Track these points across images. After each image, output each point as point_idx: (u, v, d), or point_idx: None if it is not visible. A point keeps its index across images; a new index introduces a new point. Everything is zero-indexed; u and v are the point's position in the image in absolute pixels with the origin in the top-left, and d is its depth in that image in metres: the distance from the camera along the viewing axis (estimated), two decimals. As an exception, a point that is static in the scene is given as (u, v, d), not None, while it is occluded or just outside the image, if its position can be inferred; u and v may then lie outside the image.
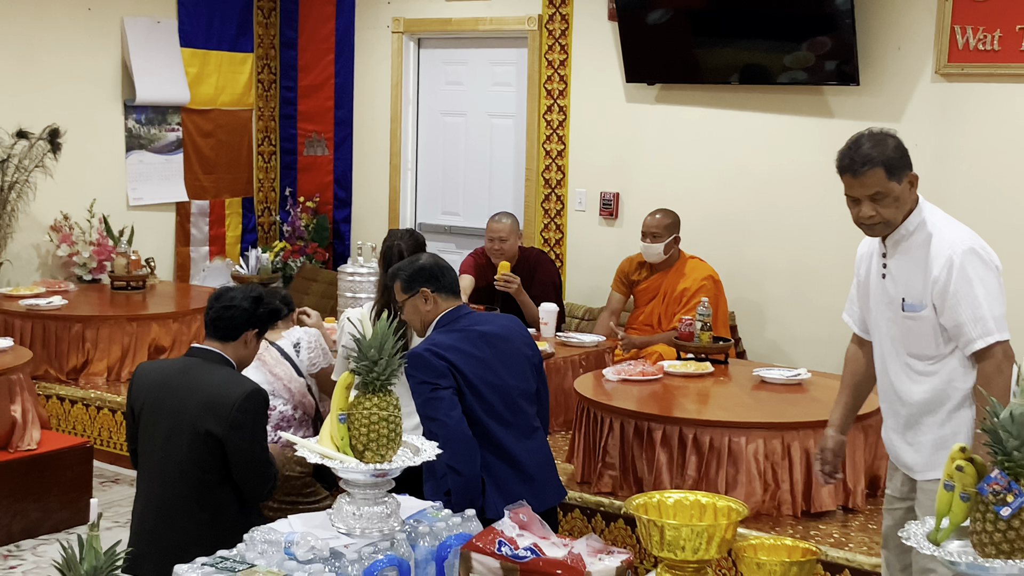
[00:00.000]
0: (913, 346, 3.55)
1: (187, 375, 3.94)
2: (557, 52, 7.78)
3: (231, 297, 4.04)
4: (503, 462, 4.02)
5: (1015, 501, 2.48)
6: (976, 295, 3.42)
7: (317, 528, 3.21)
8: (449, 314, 4.06)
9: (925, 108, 6.51)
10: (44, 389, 6.59)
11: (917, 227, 3.52)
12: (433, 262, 4.13)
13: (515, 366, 4.06)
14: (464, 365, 3.94)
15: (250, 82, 9.02)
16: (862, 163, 3.46)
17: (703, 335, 5.68)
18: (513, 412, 4.04)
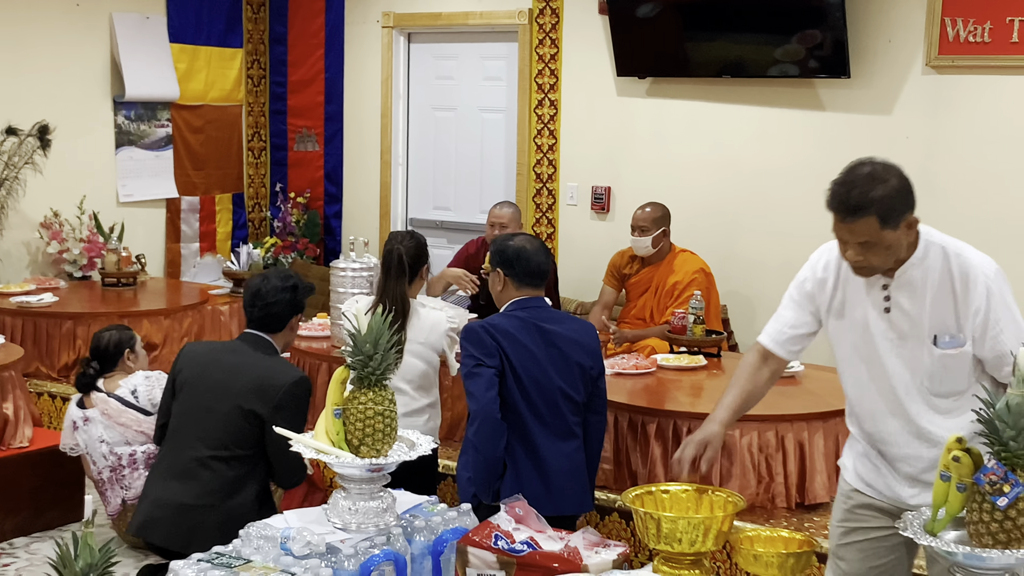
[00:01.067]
0: (944, 384, 3.20)
1: (237, 355, 4.23)
2: (548, 46, 7.77)
3: (271, 292, 4.26)
4: (528, 457, 4.05)
5: (1012, 491, 2.49)
6: (1016, 319, 3.16)
7: (313, 523, 3.21)
8: (521, 302, 4.12)
9: (916, 100, 6.52)
10: (36, 386, 6.57)
11: (924, 255, 3.17)
12: (518, 247, 4.17)
13: (566, 369, 4.07)
14: (513, 352, 4.01)
15: (240, 77, 9.00)
16: (854, 210, 3.05)
17: (696, 328, 5.68)
18: (552, 411, 4.07)
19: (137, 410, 5.12)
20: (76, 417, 5.18)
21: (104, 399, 5.13)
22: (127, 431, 5.11)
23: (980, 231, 6.35)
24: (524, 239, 4.25)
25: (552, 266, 7.01)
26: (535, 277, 4.15)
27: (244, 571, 2.89)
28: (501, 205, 6.86)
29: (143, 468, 5.07)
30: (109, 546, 2.62)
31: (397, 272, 4.52)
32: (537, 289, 4.18)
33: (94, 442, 5.12)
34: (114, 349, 5.28)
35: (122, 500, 5.11)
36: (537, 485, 4.00)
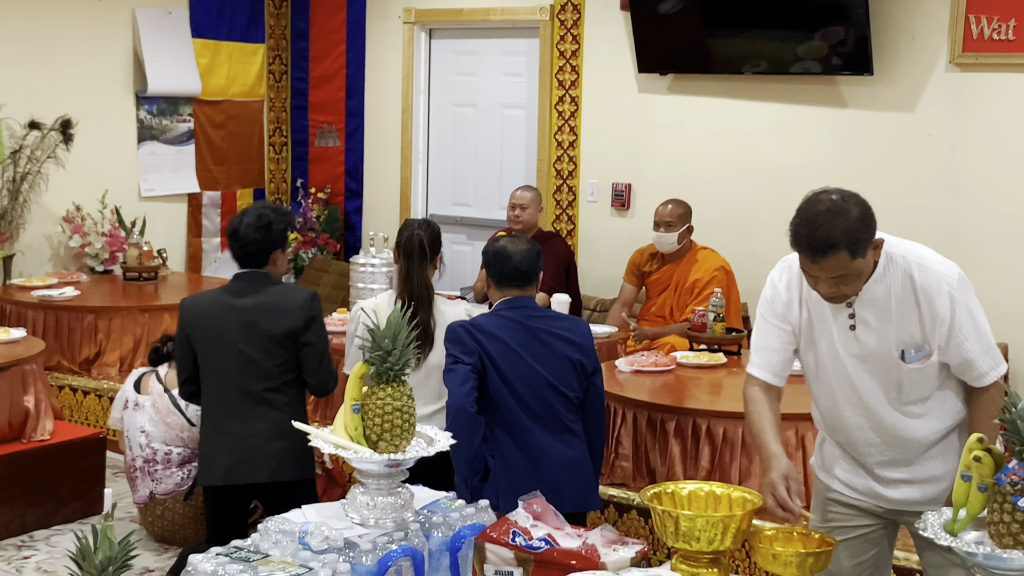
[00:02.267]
0: (914, 393, 3.20)
1: (246, 294, 4.37)
2: (569, 42, 7.75)
3: (246, 232, 4.37)
4: (521, 451, 4.07)
5: (1033, 492, 2.47)
6: (979, 324, 3.14)
7: (331, 518, 3.21)
8: (507, 302, 4.16)
9: (939, 98, 6.48)
10: (57, 380, 6.59)
11: (885, 269, 3.14)
12: (498, 248, 4.22)
13: (556, 365, 4.09)
14: (495, 349, 4.04)
15: (261, 73, 9.02)
16: (823, 249, 2.99)
17: (716, 326, 5.67)
18: (544, 407, 4.08)
19: (184, 417, 5.17)
20: (129, 398, 5.26)
21: (160, 393, 5.20)
22: (170, 432, 5.18)
23: (1003, 228, 6.34)
24: (508, 240, 4.27)
25: (572, 266, 7.03)
26: (513, 279, 4.17)
27: (262, 565, 2.89)
28: (522, 188, 7.00)
29: (176, 468, 5.13)
30: (128, 539, 2.63)
31: (420, 257, 4.53)
32: (522, 290, 4.19)
33: (135, 429, 5.20)
34: None
35: (150, 492, 5.14)
36: (530, 481, 3.93)
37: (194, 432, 5.11)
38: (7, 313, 6.79)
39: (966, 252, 6.38)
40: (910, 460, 3.26)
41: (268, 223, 4.40)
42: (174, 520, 5.17)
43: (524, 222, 6.89)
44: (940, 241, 6.43)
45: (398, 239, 4.66)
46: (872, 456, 3.31)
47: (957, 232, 6.44)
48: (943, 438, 3.25)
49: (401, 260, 4.59)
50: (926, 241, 6.09)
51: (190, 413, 5.14)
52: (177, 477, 5.13)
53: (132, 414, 5.22)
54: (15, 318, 6.71)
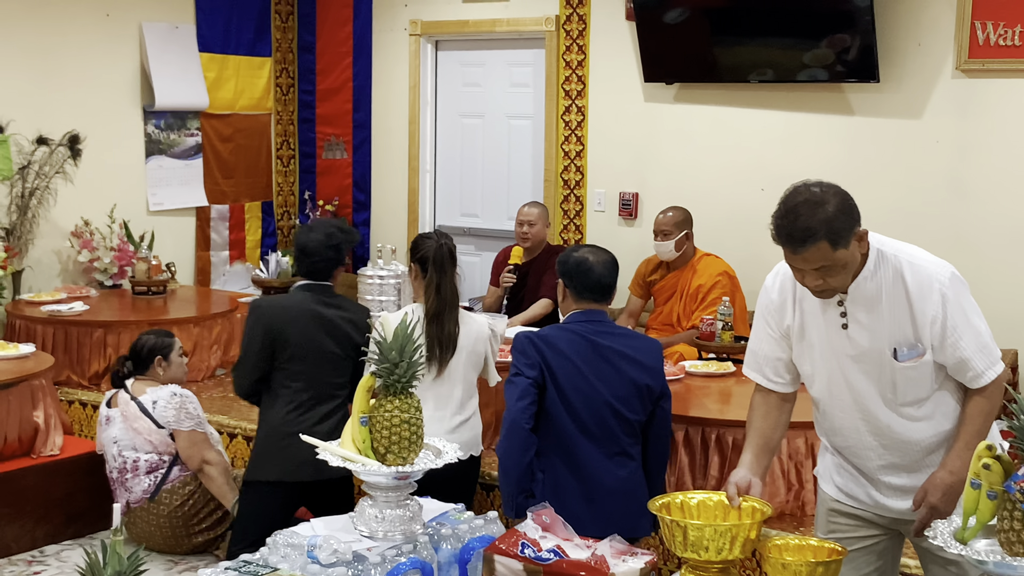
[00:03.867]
0: (909, 394, 3.17)
1: (323, 304, 4.65)
2: (575, 52, 7.76)
3: (315, 251, 4.67)
4: (571, 474, 3.99)
5: (1043, 499, 2.46)
6: (973, 323, 3.11)
7: (340, 531, 3.21)
8: (579, 315, 4.07)
9: (946, 104, 6.47)
10: (66, 395, 6.59)
11: (876, 266, 3.13)
12: (579, 259, 4.11)
13: (619, 386, 3.99)
14: (557, 364, 3.96)
15: (268, 86, 9.03)
16: (802, 239, 3.01)
17: (724, 335, 5.66)
18: (601, 429, 3.99)
19: (151, 420, 5.27)
20: (103, 415, 5.41)
21: (127, 401, 5.33)
22: (138, 437, 5.27)
23: (1011, 234, 6.32)
24: (589, 251, 4.16)
25: None
26: (594, 291, 4.08)
27: (271, 579, 2.89)
28: (529, 205, 7.02)
29: (143, 475, 5.24)
30: (138, 553, 2.63)
31: (451, 265, 4.54)
32: (599, 303, 4.11)
33: (108, 441, 5.32)
34: (147, 354, 5.48)
35: (126, 502, 5.20)
36: (578, 504, 3.93)
37: (162, 435, 5.26)
38: (17, 328, 6.80)
39: (974, 257, 6.37)
40: (911, 466, 3.23)
41: (338, 243, 4.72)
42: (144, 529, 5.27)
43: (532, 238, 6.88)
44: (948, 247, 6.42)
45: (420, 252, 4.61)
46: (871, 460, 3.28)
47: (965, 238, 6.43)
48: (943, 443, 3.20)
49: (431, 270, 4.53)
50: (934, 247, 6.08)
51: (156, 414, 5.26)
52: (144, 484, 5.23)
53: (105, 429, 5.36)
54: (24, 333, 6.71)
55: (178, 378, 5.52)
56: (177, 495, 5.23)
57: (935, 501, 3.07)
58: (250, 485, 4.68)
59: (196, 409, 5.33)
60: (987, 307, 6.13)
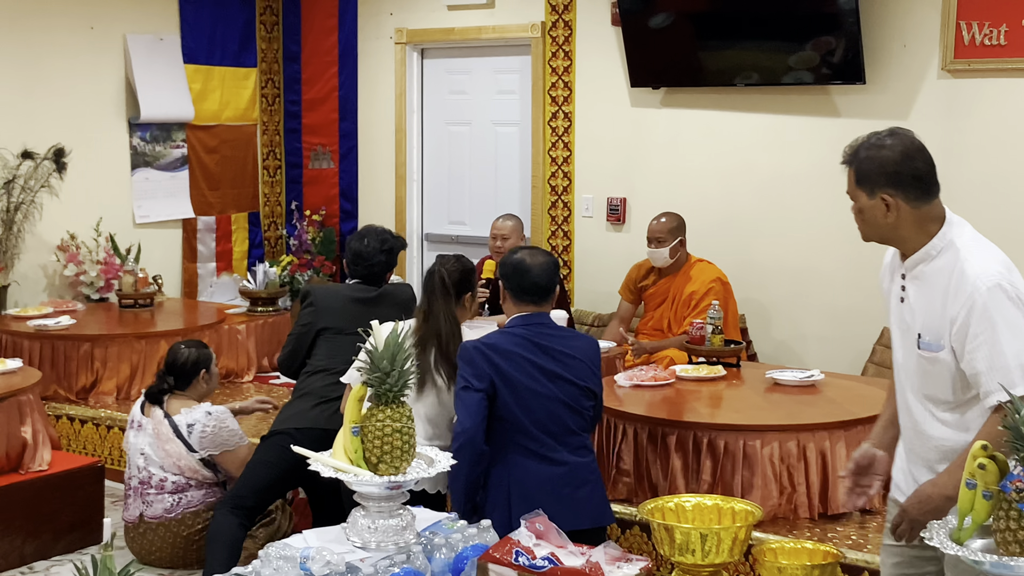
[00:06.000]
0: (929, 388, 3.13)
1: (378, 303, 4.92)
2: (561, 59, 7.75)
3: (371, 254, 4.93)
4: (540, 470, 3.99)
5: (1039, 498, 2.45)
6: (999, 340, 2.94)
7: (332, 542, 3.19)
8: (522, 318, 4.08)
9: (932, 105, 6.48)
10: (54, 409, 6.56)
11: (942, 250, 3.09)
12: (516, 261, 4.12)
13: (566, 383, 4.03)
14: (508, 368, 3.96)
15: (254, 97, 9.01)
16: (845, 156, 3.18)
17: (714, 338, 5.64)
18: (559, 424, 4.01)
19: (185, 444, 5.15)
20: (134, 418, 5.27)
21: (160, 419, 5.17)
22: (167, 459, 5.16)
23: (999, 236, 6.24)
24: (527, 253, 4.17)
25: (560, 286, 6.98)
26: (531, 293, 4.09)
27: (263, 592, 2.87)
28: (503, 218, 6.96)
29: (168, 495, 5.13)
30: (128, 569, 2.60)
31: (442, 292, 4.40)
32: (538, 305, 4.12)
33: (135, 450, 5.21)
34: (191, 368, 5.29)
35: (140, 514, 5.14)
36: (549, 499, 3.88)
37: (192, 460, 5.14)
38: (3, 343, 6.76)
39: (963, 258, 6.37)
40: (929, 462, 3.16)
41: (391, 248, 4.98)
42: (153, 541, 5.17)
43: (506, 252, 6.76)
44: (937, 248, 6.44)
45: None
46: (905, 443, 3.26)
47: (954, 239, 6.43)
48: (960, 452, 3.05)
49: (422, 296, 4.48)
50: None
51: (193, 440, 5.14)
52: (167, 503, 5.13)
53: (135, 434, 5.23)
54: (11, 348, 6.67)
55: (214, 390, 5.45)
56: (200, 518, 5.15)
57: (907, 504, 3.07)
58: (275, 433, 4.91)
59: (233, 422, 5.23)
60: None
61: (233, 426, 5.20)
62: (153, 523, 5.14)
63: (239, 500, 4.88)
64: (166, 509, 5.13)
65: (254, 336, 7.30)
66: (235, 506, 4.85)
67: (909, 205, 3.10)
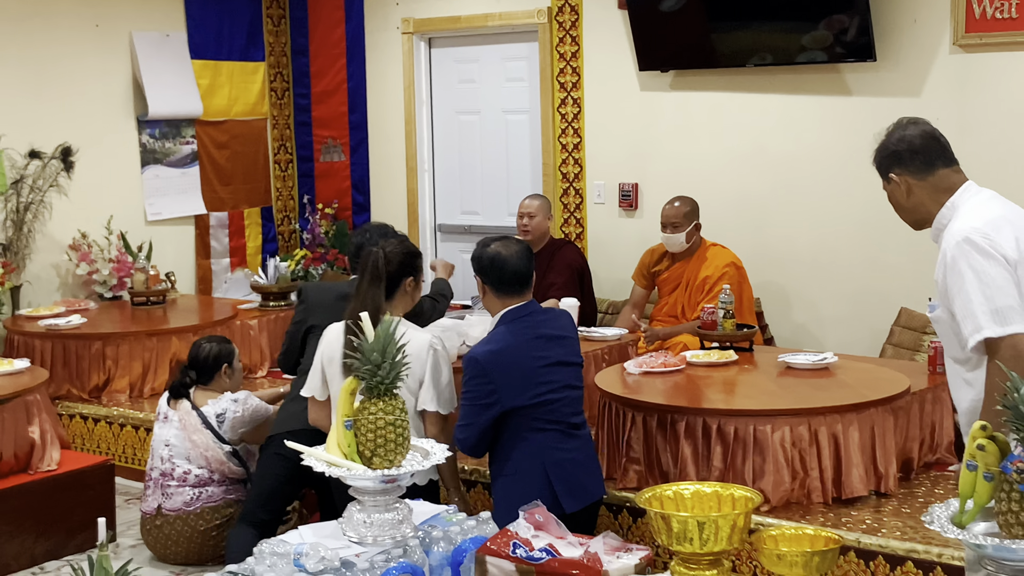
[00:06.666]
0: (949, 349, 3.34)
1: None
2: (568, 44, 7.68)
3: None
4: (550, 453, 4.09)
5: (1040, 479, 2.38)
6: (966, 289, 3.14)
7: (328, 538, 3.14)
8: (511, 312, 4.10)
9: (944, 81, 6.37)
10: (67, 408, 6.55)
11: (951, 218, 3.30)
12: (492, 254, 4.11)
13: (566, 365, 4.17)
14: (519, 370, 4.03)
15: (263, 91, 8.97)
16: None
17: (726, 323, 5.57)
18: (571, 408, 4.16)
19: (214, 434, 5.20)
20: (160, 410, 5.34)
21: (188, 410, 5.24)
22: (193, 450, 5.19)
23: (1014, 210, 6.22)
24: (500, 244, 4.14)
25: (587, 272, 6.95)
26: (512, 284, 4.09)
27: (255, 590, 2.83)
28: (530, 197, 7.01)
29: (189, 488, 5.16)
30: (126, 567, 2.58)
31: (372, 276, 4.11)
32: (520, 294, 4.13)
33: (160, 441, 5.25)
34: (212, 362, 5.38)
35: (158, 505, 5.14)
36: (579, 475, 4.09)
37: (219, 452, 5.18)
38: (15, 344, 6.75)
39: (979, 236, 6.28)
40: (966, 427, 3.31)
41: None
42: (170, 535, 5.17)
43: (533, 230, 6.86)
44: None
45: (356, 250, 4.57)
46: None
47: (969, 216, 6.34)
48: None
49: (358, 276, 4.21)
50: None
51: (225, 428, 5.21)
52: (187, 496, 5.14)
53: (161, 426, 5.28)
54: (23, 349, 6.66)
55: (239, 384, 5.49)
56: (219, 514, 5.17)
57: None
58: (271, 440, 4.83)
59: (255, 399, 5.35)
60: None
61: (256, 402, 5.32)
62: (171, 516, 5.14)
63: (252, 516, 4.87)
64: (186, 502, 5.14)
65: (266, 331, 7.26)
66: (250, 522, 4.83)
67: (916, 179, 3.34)
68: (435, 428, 4.17)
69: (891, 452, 4.64)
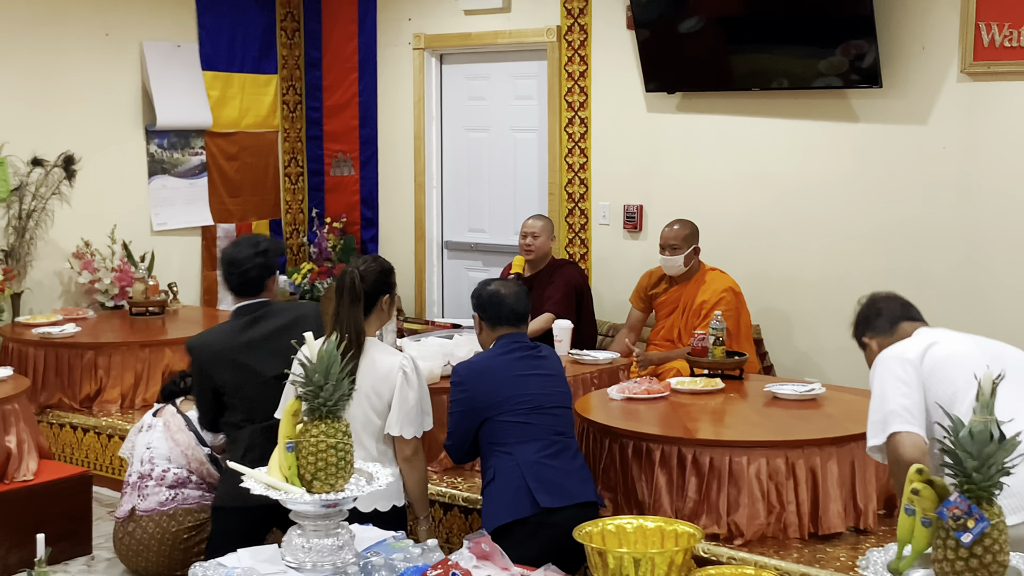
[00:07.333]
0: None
1: (263, 323, 4.44)
2: (576, 63, 7.61)
3: (245, 260, 4.44)
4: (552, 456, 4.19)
5: (976, 527, 2.29)
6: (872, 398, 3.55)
7: (266, 562, 3.08)
8: (506, 340, 4.35)
9: (951, 108, 6.26)
10: (57, 418, 6.52)
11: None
12: (492, 292, 4.39)
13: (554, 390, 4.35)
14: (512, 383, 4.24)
15: (275, 103, 8.94)
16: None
17: (716, 350, 5.46)
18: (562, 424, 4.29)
19: (196, 436, 5.19)
20: (145, 422, 5.33)
21: (172, 412, 5.27)
22: (175, 448, 5.17)
23: (1021, 240, 6.09)
24: (500, 284, 4.44)
25: (586, 293, 6.87)
26: (509, 320, 4.36)
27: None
28: (534, 217, 6.98)
29: (166, 488, 5.14)
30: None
31: (350, 297, 4.07)
32: (513, 327, 4.39)
33: (141, 446, 5.24)
34: None
35: (132, 508, 5.13)
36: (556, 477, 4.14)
37: (200, 453, 5.15)
38: (10, 351, 6.72)
39: (985, 265, 6.16)
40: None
41: (265, 249, 4.51)
42: (141, 539, 5.10)
43: (536, 250, 6.81)
44: (958, 255, 6.23)
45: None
46: None
47: (975, 245, 6.22)
48: None
49: (334, 298, 4.20)
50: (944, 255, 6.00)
51: (204, 434, 5.16)
52: (163, 496, 5.10)
53: (143, 434, 5.27)
54: (16, 356, 6.64)
55: None
56: (192, 517, 5.11)
57: None
58: (216, 511, 4.55)
59: None
60: (998, 314, 5.95)
61: None
62: (144, 517, 5.10)
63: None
64: (160, 503, 5.10)
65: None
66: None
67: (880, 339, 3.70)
68: (404, 452, 4.12)
69: (871, 488, 4.52)
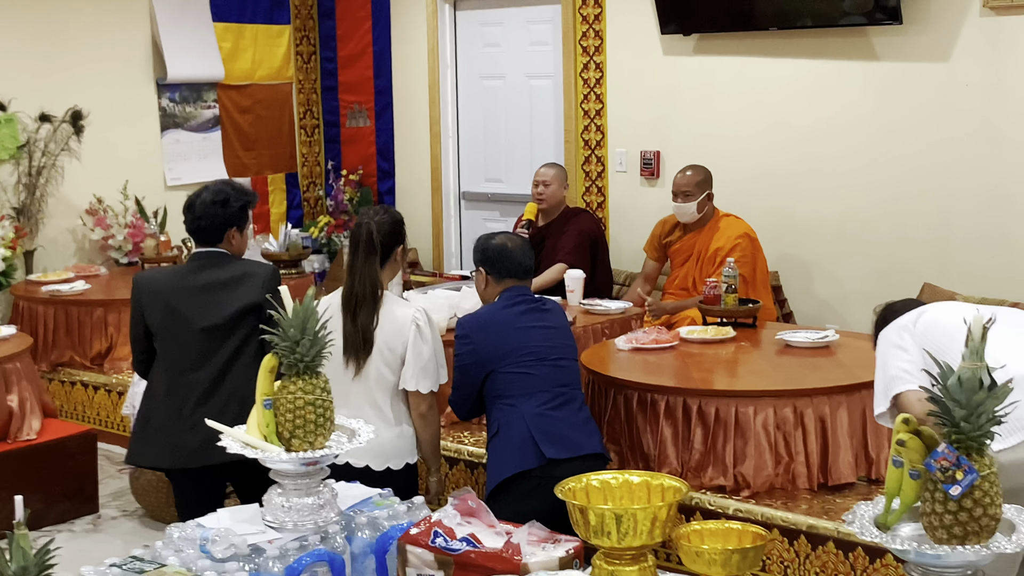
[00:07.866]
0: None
1: (206, 272, 4.19)
2: (591, 6, 7.43)
3: (200, 206, 4.22)
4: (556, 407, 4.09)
5: (965, 479, 2.17)
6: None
7: (244, 522, 3.00)
8: (507, 291, 4.23)
9: (974, 44, 6.06)
10: (69, 376, 6.49)
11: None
12: (499, 246, 4.27)
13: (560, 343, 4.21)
14: (505, 344, 4.12)
15: (288, 54, 8.82)
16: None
17: (728, 298, 5.33)
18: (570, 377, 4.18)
19: None
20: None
21: None
22: None
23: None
24: (505, 237, 4.31)
25: (601, 242, 6.74)
26: (515, 274, 4.24)
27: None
28: (546, 166, 6.86)
29: None
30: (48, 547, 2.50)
31: (366, 249, 4.01)
32: (519, 280, 4.27)
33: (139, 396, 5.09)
34: None
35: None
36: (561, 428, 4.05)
37: None
38: (20, 309, 6.68)
39: (1009, 203, 6.00)
40: None
41: (225, 199, 4.24)
42: (151, 481, 5.11)
43: (548, 199, 6.69)
44: (982, 194, 6.06)
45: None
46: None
47: (999, 184, 6.04)
48: None
49: (348, 251, 4.15)
50: (967, 195, 5.76)
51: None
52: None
53: (141, 384, 5.15)
54: (27, 314, 6.60)
55: None
56: None
57: None
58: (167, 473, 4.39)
59: None
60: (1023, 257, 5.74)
61: None
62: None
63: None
64: None
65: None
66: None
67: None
68: (419, 408, 4.07)
69: (884, 436, 4.39)
